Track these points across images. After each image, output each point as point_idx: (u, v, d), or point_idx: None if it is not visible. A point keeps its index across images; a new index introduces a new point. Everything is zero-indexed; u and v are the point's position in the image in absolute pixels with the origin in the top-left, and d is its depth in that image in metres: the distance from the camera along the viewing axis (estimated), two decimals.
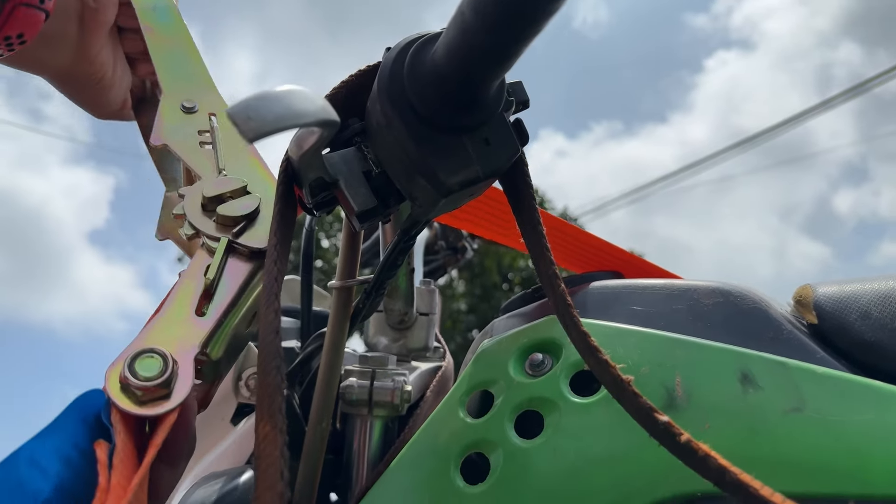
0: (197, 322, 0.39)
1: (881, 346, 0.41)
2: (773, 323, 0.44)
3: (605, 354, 0.36)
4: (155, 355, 0.35)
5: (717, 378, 0.42)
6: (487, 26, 0.31)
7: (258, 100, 0.31)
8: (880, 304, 0.42)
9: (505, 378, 0.48)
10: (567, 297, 0.40)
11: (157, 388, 0.34)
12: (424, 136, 0.37)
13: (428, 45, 0.38)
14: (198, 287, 0.41)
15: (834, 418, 0.38)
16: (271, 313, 0.32)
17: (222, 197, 0.46)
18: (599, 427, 0.43)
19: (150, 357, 0.35)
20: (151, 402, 0.34)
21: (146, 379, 0.34)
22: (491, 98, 0.38)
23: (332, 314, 0.55)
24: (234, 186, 0.46)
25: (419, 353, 0.68)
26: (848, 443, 0.37)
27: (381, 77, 0.38)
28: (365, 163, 0.42)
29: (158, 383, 0.34)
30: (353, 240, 0.55)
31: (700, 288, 0.47)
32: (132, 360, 0.34)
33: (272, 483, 0.28)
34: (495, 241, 0.98)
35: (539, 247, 0.42)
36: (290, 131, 0.33)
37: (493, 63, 0.34)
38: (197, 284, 0.41)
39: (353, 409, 0.57)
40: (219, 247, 0.43)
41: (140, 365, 0.34)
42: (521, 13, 0.30)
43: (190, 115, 0.51)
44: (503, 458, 0.45)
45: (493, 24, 0.31)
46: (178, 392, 0.35)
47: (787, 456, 0.38)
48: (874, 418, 0.37)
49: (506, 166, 0.40)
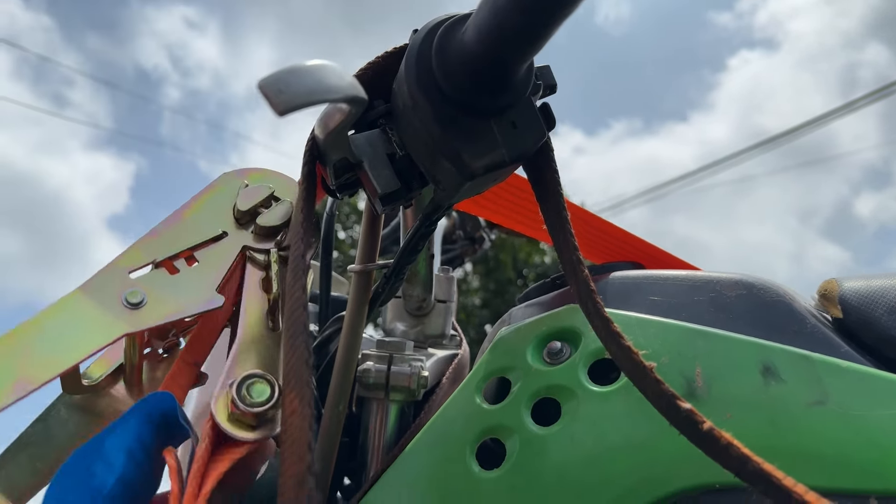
0: (274, 337, 0.40)
1: None
2: (797, 316, 0.43)
3: (628, 341, 0.36)
4: (261, 380, 0.36)
5: (738, 369, 0.41)
6: (520, 6, 0.31)
7: (289, 73, 0.30)
8: None
9: (523, 365, 0.48)
10: (590, 283, 0.39)
11: (269, 411, 0.35)
12: (450, 118, 0.37)
13: (457, 25, 0.37)
14: (262, 302, 0.42)
15: (857, 413, 0.37)
16: (298, 289, 0.32)
17: (256, 210, 0.46)
18: (617, 416, 0.43)
19: (258, 382, 0.36)
20: (262, 426, 0.35)
21: (259, 404, 0.35)
22: (519, 81, 0.38)
23: (352, 297, 0.55)
24: (263, 195, 0.47)
25: (436, 340, 0.68)
26: (870, 438, 0.36)
27: (408, 57, 0.38)
28: (389, 145, 0.41)
29: (270, 406, 0.35)
30: (374, 224, 0.55)
31: (723, 280, 0.47)
32: (240, 387, 0.35)
33: (301, 455, 0.27)
34: (512, 234, 0.98)
35: (563, 232, 0.42)
36: (319, 107, 0.33)
37: (524, 44, 0.34)
38: (261, 300, 0.42)
39: (369, 393, 0.57)
40: (271, 260, 0.44)
41: (252, 390, 0.35)
42: None
43: (139, 306, 0.40)
44: (519, 444, 0.44)
45: (526, 4, 0.31)
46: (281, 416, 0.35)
47: (808, 449, 0.38)
48: None
49: (532, 150, 0.39)
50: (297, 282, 0.32)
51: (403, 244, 0.51)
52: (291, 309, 0.32)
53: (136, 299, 0.39)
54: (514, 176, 0.54)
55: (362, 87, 0.39)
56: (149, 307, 0.39)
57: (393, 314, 0.67)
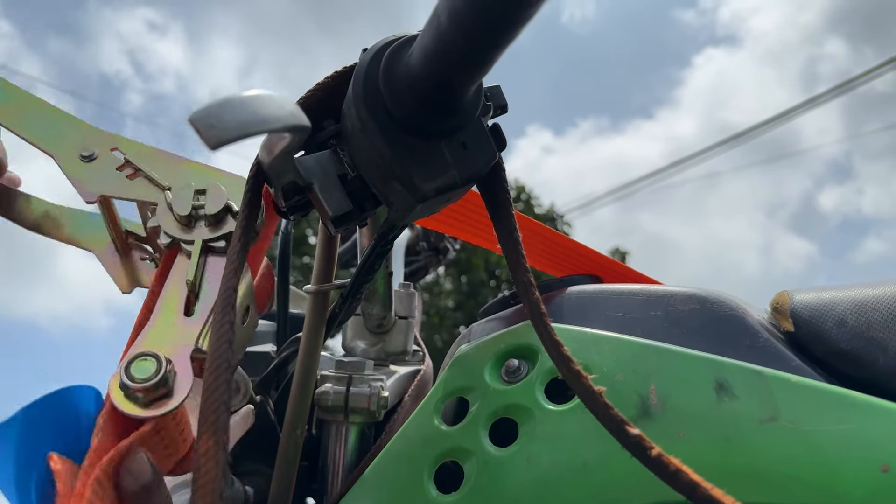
0: (186, 322, 0.40)
1: (857, 354, 0.41)
2: (750, 330, 0.44)
3: (578, 365, 0.36)
4: (147, 357, 0.36)
5: (692, 386, 0.41)
6: (463, 32, 0.31)
7: (222, 106, 0.30)
8: (856, 313, 0.42)
9: (480, 385, 0.48)
10: (541, 306, 0.39)
11: (157, 388, 0.35)
12: (400, 141, 0.37)
13: (404, 47, 0.37)
14: (182, 291, 0.42)
15: (808, 429, 0.38)
16: (226, 324, 0.31)
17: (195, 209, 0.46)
18: (574, 435, 0.43)
19: (143, 360, 0.36)
20: (155, 402, 0.35)
21: (143, 380, 0.35)
22: (468, 102, 0.38)
23: (308, 319, 0.54)
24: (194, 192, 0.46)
25: (398, 357, 0.67)
26: (822, 454, 0.37)
27: (356, 79, 0.38)
28: (340, 166, 0.41)
29: (156, 383, 0.35)
30: (330, 243, 0.54)
31: (677, 294, 0.47)
32: (127, 367, 0.35)
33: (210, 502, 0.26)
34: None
35: (515, 254, 0.41)
36: (258, 137, 0.32)
37: (469, 68, 0.34)
38: (181, 289, 0.42)
39: (328, 416, 0.56)
40: (194, 248, 0.44)
41: (135, 369, 0.35)
42: (498, 19, 0.30)
43: (95, 161, 0.50)
44: (477, 466, 0.44)
45: (469, 30, 0.30)
46: (179, 389, 0.35)
47: (760, 466, 0.38)
48: (849, 429, 0.37)
49: (483, 172, 0.39)
50: (224, 316, 0.31)
51: (360, 264, 0.50)
52: (215, 346, 0.31)
53: (88, 153, 0.50)
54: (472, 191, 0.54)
55: (310, 111, 0.38)
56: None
57: (353, 332, 0.66)
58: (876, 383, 0.40)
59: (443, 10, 0.31)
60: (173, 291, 0.42)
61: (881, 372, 0.40)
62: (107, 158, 0.50)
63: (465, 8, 0.30)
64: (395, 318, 0.67)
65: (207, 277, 0.43)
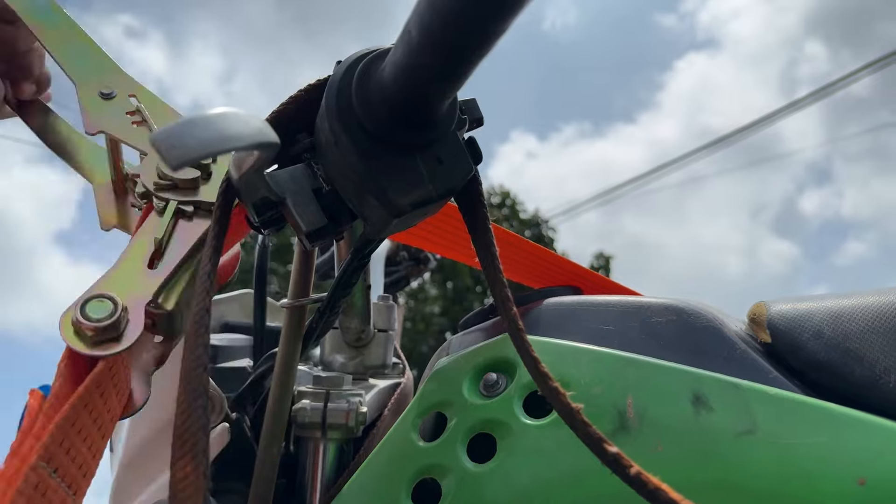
0: (148, 274, 0.41)
1: (833, 365, 0.41)
2: (727, 342, 0.43)
3: (556, 382, 0.36)
4: (104, 300, 0.37)
5: (669, 399, 0.41)
6: (435, 47, 0.30)
7: (183, 126, 0.29)
8: (832, 324, 0.42)
9: (459, 399, 0.47)
10: (519, 322, 0.39)
11: (107, 330, 0.36)
12: (374, 155, 0.36)
13: (377, 61, 0.37)
14: (150, 244, 0.43)
15: (785, 441, 0.37)
16: (199, 347, 0.30)
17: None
18: (551, 450, 0.42)
19: (99, 301, 0.37)
20: (102, 343, 0.36)
21: (96, 321, 0.36)
22: (442, 116, 0.37)
23: (284, 334, 0.53)
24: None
25: (377, 371, 0.66)
26: (799, 466, 0.37)
27: (328, 93, 0.37)
28: (314, 180, 0.40)
29: (108, 325, 0.36)
30: (307, 257, 0.53)
31: (653, 305, 0.47)
32: (83, 305, 0.36)
33: None
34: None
35: (493, 268, 0.41)
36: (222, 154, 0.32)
37: (441, 83, 0.33)
38: (149, 242, 0.43)
39: (305, 432, 0.55)
40: (167, 209, 0.45)
41: (90, 308, 0.36)
42: (469, 34, 0.29)
43: (111, 100, 0.53)
44: (455, 483, 0.44)
45: (441, 46, 0.30)
46: (128, 336, 0.37)
47: (738, 479, 0.38)
48: (825, 441, 0.37)
49: (459, 186, 0.39)
50: (198, 338, 0.31)
51: (336, 278, 0.50)
52: (190, 368, 0.30)
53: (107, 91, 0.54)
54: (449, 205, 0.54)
55: (282, 125, 0.37)
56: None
57: (331, 346, 0.65)
58: (853, 394, 0.39)
59: (414, 25, 0.31)
60: (140, 243, 0.43)
61: (857, 383, 0.40)
62: (122, 101, 0.53)
63: (436, 23, 0.29)
64: (375, 330, 0.66)
65: (176, 237, 0.45)
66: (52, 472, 0.31)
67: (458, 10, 0.28)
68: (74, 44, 0.55)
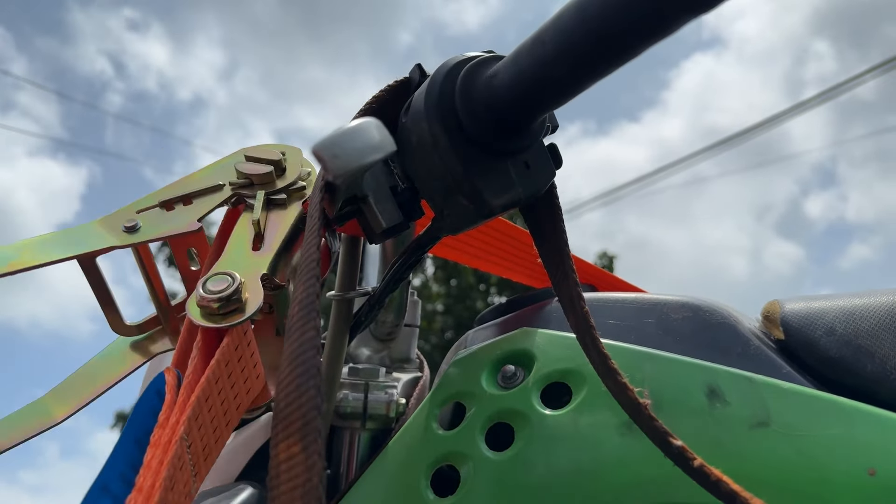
0: (255, 254, 0.43)
1: (845, 361, 0.42)
2: (741, 338, 0.45)
3: (625, 378, 0.37)
4: (222, 275, 0.39)
5: (684, 392, 0.42)
6: (571, 62, 0.31)
7: (342, 136, 0.31)
8: (845, 321, 0.43)
9: (477, 390, 0.48)
10: (589, 319, 0.40)
11: (230, 301, 0.37)
12: (472, 158, 0.37)
13: (482, 67, 0.38)
14: (250, 231, 0.45)
15: (799, 434, 0.39)
16: (310, 330, 0.30)
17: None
18: (569, 440, 0.44)
19: (218, 277, 0.39)
20: (227, 315, 0.37)
21: (218, 292, 0.37)
22: (538, 124, 0.39)
23: (332, 326, 0.54)
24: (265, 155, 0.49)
25: (399, 364, 0.68)
26: (812, 459, 0.38)
27: (429, 95, 0.38)
28: (391, 178, 0.42)
29: (229, 293, 0.37)
30: (353, 251, 0.54)
31: (670, 302, 0.48)
32: (204, 283, 0.38)
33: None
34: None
35: (563, 267, 0.42)
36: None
37: (564, 96, 0.34)
38: (249, 231, 0.45)
39: (345, 423, 0.56)
40: (257, 199, 0.47)
41: (210, 283, 0.38)
42: (615, 51, 0.30)
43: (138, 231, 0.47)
44: (473, 470, 0.45)
45: (582, 60, 0.31)
46: (250, 305, 0.38)
47: (752, 470, 0.39)
48: (838, 434, 0.38)
49: (543, 189, 0.40)
50: (308, 322, 0.30)
51: (390, 274, 0.51)
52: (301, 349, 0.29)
53: (131, 224, 0.47)
54: None
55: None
56: (140, 231, 0.46)
57: (358, 339, 0.66)
58: (864, 389, 0.41)
59: (550, 39, 0.32)
60: (241, 233, 0.45)
61: (869, 378, 0.41)
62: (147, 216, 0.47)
63: (581, 38, 0.30)
64: (403, 325, 0.67)
65: (272, 225, 0.46)
66: (188, 447, 0.33)
67: (615, 27, 0.28)
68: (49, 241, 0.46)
